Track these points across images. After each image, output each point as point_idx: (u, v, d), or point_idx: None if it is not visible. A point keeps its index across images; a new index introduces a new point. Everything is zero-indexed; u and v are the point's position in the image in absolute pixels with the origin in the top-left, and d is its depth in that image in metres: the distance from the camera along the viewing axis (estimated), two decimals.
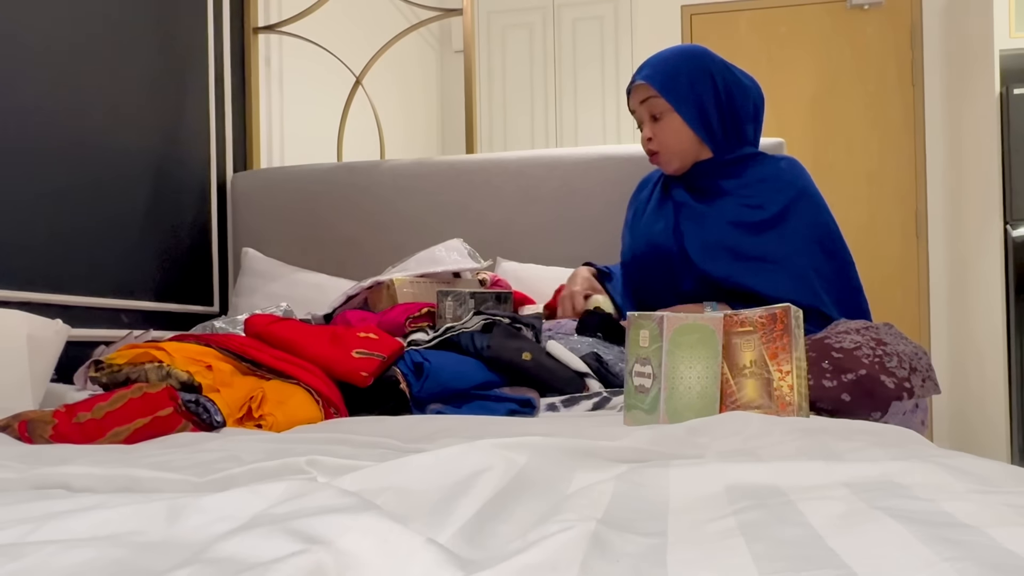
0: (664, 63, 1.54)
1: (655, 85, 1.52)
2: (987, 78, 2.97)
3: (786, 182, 1.51)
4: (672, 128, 1.53)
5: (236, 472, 0.61)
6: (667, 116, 1.53)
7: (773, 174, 1.52)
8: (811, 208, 1.50)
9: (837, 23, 3.68)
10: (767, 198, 1.50)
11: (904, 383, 1.11)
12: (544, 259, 2.08)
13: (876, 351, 1.14)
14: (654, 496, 0.55)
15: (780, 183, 1.51)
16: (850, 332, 1.20)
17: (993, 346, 2.95)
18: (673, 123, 1.53)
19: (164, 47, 2.09)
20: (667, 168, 1.58)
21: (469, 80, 2.35)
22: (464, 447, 0.58)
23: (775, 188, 1.51)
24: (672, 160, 1.56)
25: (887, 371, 1.12)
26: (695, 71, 1.52)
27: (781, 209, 1.48)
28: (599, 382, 1.26)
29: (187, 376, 1.12)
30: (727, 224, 1.49)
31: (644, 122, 1.56)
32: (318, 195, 2.27)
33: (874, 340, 1.17)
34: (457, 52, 4.04)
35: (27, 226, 1.65)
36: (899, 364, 1.13)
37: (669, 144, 1.55)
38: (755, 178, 1.53)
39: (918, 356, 1.16)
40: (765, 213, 1.48)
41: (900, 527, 0.43)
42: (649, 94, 1.53)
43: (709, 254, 1.48)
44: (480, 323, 1.34)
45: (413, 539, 0.40)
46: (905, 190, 3.61)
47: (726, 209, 1.51)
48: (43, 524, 0.48)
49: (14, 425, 0.97)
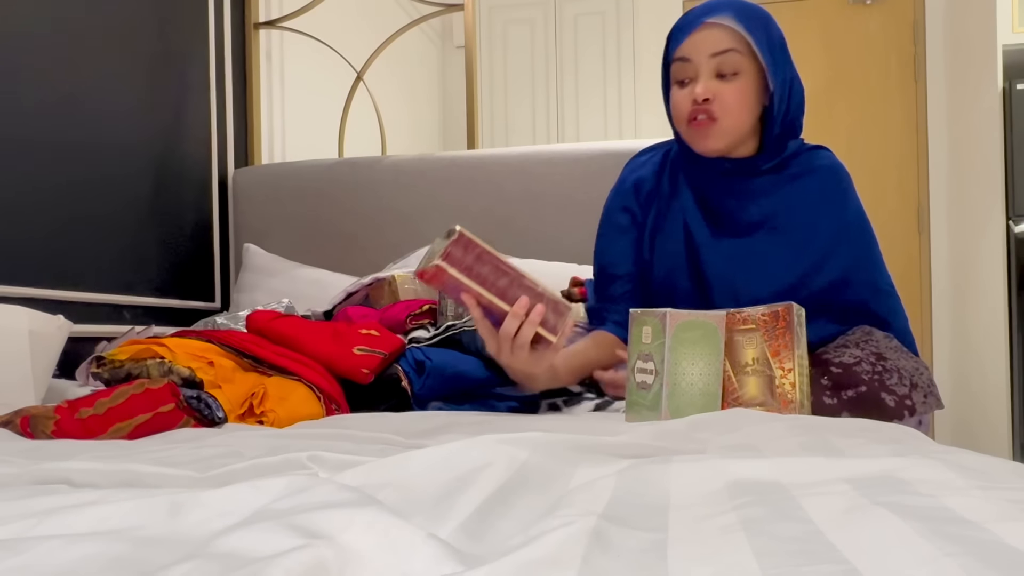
0: (753, 11, 1.20)
1: (752, 34, 1.17)
2: (990, 73, 2.96)
3: (831, 200, 1.25)
4: (745, 95, 1.19)
5: (237, 468, 0.61)
6: (743, 79, 1.18)
7: (816, 190, 1.26)
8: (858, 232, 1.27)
9: (839, 18, 3.67)
10: (808, 233, 1.23)
11: (905, 400, 1.08)
12: (546, 255, 2.08)
13: (876, 367, 1.11)
14: (655, 492, 0.55)
15: (824, 206, 1.25)
16: (849, 346, 1.16)
17: (995, 342, 2.94)
18: (747, 89, 1.19)
19: (165, 43, 2.09)
20: (713, 143, 1.21)
21: (470, 75, 2.35)
22: (465, 443, 0.58)
23: (817, 213, 1.24)
24: (725, 135, 1.21)
25: (887, 388, 1.09)
26: (780, 34, 1.23)
27: (825, 245, 1.24)
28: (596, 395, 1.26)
29: (189, 372, 1.12)
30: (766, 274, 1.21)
31: (698, 77, 1.19)
32: (319, 191, 2.27)
33: (874, 355, 1.13)
34: (458, 47, 4.04)
35: (29, 222, 1.65)
36: (899, 381, 1.10)
37: (734, 112, 1.19)
38: (793, 197, 1.25)
39: (919, 371, 1.13)
40: (807, 254, 1.23)
41: (901, 522, 0.43)
42: (731, 45, 1.17)
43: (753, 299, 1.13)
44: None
45: (414, 534, 0.40)
46: (907, 185, 3.60)
47: (758, 250, 1.23)
48: (45, 519, 0.48)
49: (16, 421, 0.97)
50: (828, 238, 1.23)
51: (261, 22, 2.49)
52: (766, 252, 1.23)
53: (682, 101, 1.21)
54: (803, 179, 1.26)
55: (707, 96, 1.17)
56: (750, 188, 1.26)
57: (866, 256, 1.27)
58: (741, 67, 1.18)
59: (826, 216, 1.24)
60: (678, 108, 1.22)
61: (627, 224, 1.35)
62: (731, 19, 1.17)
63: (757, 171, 1.26)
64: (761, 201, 1.25)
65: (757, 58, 1.19)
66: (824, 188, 1.26)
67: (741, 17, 1.18)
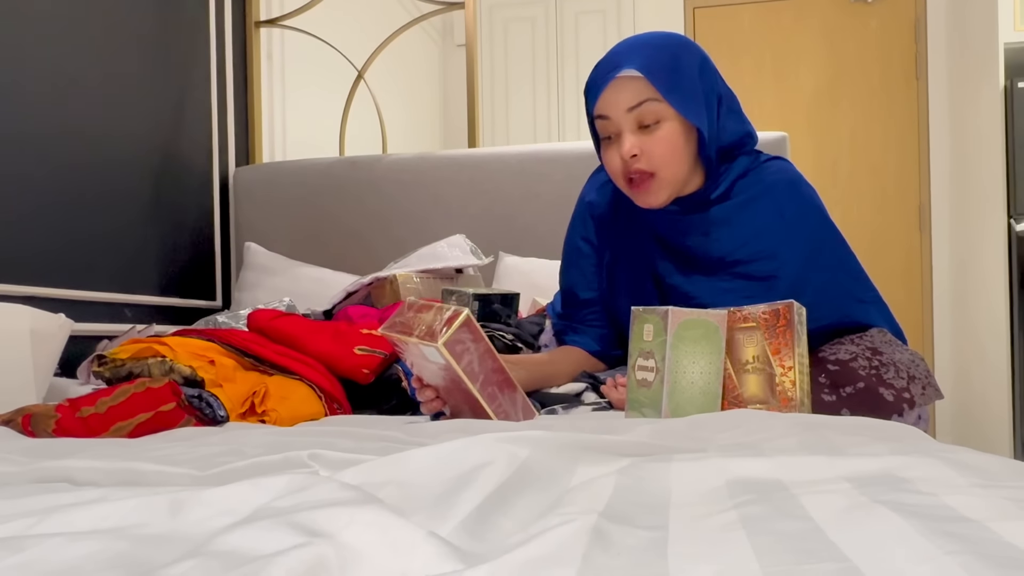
0: (658, 51, 1.14)
1: (657, 82, 1.11)
2: (992, 72, 2.95)
3: (791, 222, 1.20)
4: (673, 141, 1.14)
5: (238, 466, 0.61)
6: (667, 125, 1.13)
7: (773, 212, 1.20)
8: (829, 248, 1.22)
9: (840, 16, 3.67)
10: (775, 262, 1.19)
11: (903, 393, 1.09)
12: (547, 253, 2.08)
13: (872, 361, 1.11)
14: (655, 490, 0.55)
15: (785, 230, 1.20)
16: (844, 342, 1.16)
17: (996, 340, 2.94)
18: (673, 134, 1.14)
19: (166, 41, 2.09)
20: (655, 199, 1.17)
21: (471, 74, 2.35)
22: (466, 441, 0.58)
23: (779, 239, 1.19)
24: (666, 187, 1.16)
25: (885, 383, 1.09)
26: (693, 60, 1.16)
27: (795, 269, 1.20)
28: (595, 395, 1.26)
29: (190, 371, 1.12)
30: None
31: (621, 133, 1.14)
32: (320, 189, 2.27)
33: (869, 350, 1.13)
34: (459, 46, 4.04)
35: (30, 221, 1.65)
36: (896, 374, 1.10)
37: (668, 162, 1.14)
38: (753, 223, 1.20)
39: (915, 363, 1.13)
40: (781, 282, 1.19)
41: (902, 521, 0.43)
42: (644, 95, 1.12)
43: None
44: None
45: (415, 532, 0.40)
46: (909, 184, 3.60)
47: (729, 287, 1.20)
48: (46, 517, 0.48)
49: (18, 419, 0.97)
50: (798, 262, 1.19)
51: (262, 20, 2.49)
52: (737, 287, 1.19)
53: (612, 159, 1.17)
54: (759, 201, 1.21)
55: (634, 152, 1.13)
56: (705, 221, 1.22)
57: (842, 270, 1.23)
58: (661, 114, 1.13)
59: (791, 239, 1.19)
60: (611, 166, 1.18)
61: (588, 251, 1.34)
62: (636, 70, 1.11)
63: (708, 204, 1.21)
64: (721, 232, 1.21)
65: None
66: (783, 209, 1.20)
67: (646, 62, 1.12)
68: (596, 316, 1.34)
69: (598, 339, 1.34)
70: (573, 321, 1.37)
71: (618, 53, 1.15)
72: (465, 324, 0.95)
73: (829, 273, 1.21)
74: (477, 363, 0.96)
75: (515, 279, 1.99)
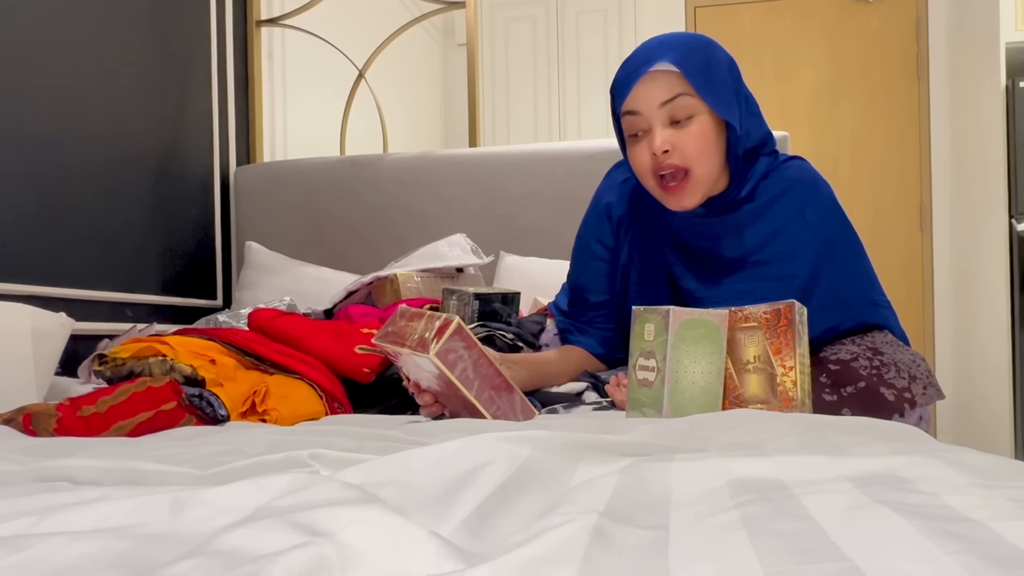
0: (690, 48, 1.12)
1: (692, 77, 1.09)
2: (993, 71, 2.95)
3: (812, 223, 1.20)
4: (705, 137, 1.11)
5: (239, 465, 0.61)
6: (699, 120, 1.11)
7: (795, 212, 1.20)
8: (845, 248, 1.22)
9: (842, 16, 3.67)
10: (794, 260, 1.19)
11: (904, 393, 1.09)
12: (547, 253, 2.08)
13: (873, 361, 1.11)
14: (656, 489, 0.55)
15: (805, 231, 1.19)
16: (845, 342, 1.16)
17: (997, 340, 2.94)
18: (706, 130, 1.11)
19: (167, 41, 2.09)
20: (689, 201, 1.14)
21: (472, 73, 2.35)
22: (467, 440, 0.58)
23: (799, 240, 1.19)
24: (700, 187, 1.14)
25: (886, 383, 1.09)
26: (723, 59, 1.15)
27: (811, 268, 1.20)
28: (596, 394, 1.26)
29: (191, 370, 1.12)
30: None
31: (652, 128, 1.12)
32: (321, 189, 2.28)
33: (870, 350, 1.13)
34: (460, 45, 4.04)
35: (31, 221, 1.65)
36: (897, 374, 1.10)
37: (701, 159, 1.12)
38: (774, 224, 1.20)
39: (916, 363, 1.13)
40: (798, 282, 1.19)
41: (903, 521, 0.42)
42: (678, 90, 1.10)
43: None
44: (481, 336, 1.34)
45: (416, 532, 0.40)
46: (910, 183, 3.59)
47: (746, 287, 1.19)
48: (47, 516, 0.48)
49: (18, 418, 0.97)
50: (816, 263, 1.19)
51: (263, 20, 2.49)
52: (754, 289, 1.18)
53: (641, 156, 1.14)
54: (780, 201, 1.20)
55: (666, 148, 1.10)
56: (729, 224, 1.20)
57: (859, 273, 1.22)
58: (694, 109, 1.10)
59: (811, 240, 1.19)
60: (639, 163, 1.15)
61: (601, 254, 1.32)
62: (671, 64, 1.10)
63: (735, 204, 1.20)
64: (744, 233, 1.20)
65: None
66: (803, 207, 1.20)
67: (680, 58, 1.10)
68: (603, 319, 1.34)
69: (602, 342, 1.34)
70: (579, 321, 1.36)
71: (649, 49, 1.13)
72: (456, 332, 0.94)
73: (846, 275, 1.21)
74: (471, 370, 0.96)
75: (516, 278, 1.99)
